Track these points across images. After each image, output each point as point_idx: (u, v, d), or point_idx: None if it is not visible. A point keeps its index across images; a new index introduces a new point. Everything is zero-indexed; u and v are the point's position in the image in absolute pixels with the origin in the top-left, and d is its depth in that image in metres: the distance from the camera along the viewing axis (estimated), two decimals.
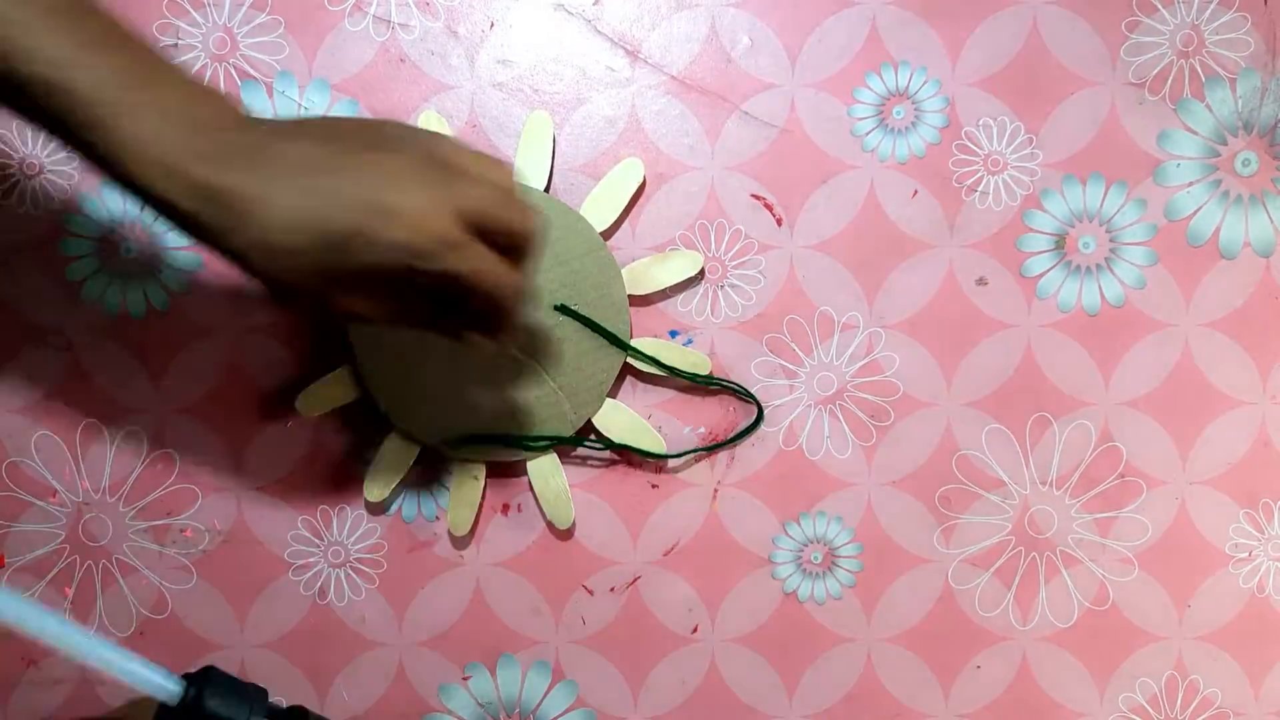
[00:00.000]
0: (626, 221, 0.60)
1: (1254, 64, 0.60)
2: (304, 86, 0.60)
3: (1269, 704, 0.61)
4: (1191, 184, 0.60)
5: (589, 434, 0.60)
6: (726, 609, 0.61)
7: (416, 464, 0.60)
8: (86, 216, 0.60)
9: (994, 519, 0.61)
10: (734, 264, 0.61)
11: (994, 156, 0.61)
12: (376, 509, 0.61)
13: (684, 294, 0.61)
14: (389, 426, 0.59)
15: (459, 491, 0.60)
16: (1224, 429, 0.61)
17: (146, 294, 0.61)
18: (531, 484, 0.60)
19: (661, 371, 0.59)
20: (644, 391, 0.61)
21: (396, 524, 0.61)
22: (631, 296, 0.60)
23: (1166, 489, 0.61)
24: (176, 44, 0.60)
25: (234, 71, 0.60)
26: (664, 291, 0.60)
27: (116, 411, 0.61)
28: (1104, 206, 0.61)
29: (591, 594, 0.61)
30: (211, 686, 0.44)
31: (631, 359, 0.59)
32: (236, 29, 0.60)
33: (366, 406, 0.59)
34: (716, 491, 0.61)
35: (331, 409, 0.60)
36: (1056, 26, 0.60)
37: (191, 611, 0.62)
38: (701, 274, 0.60)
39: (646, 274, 0.59)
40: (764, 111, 0.60)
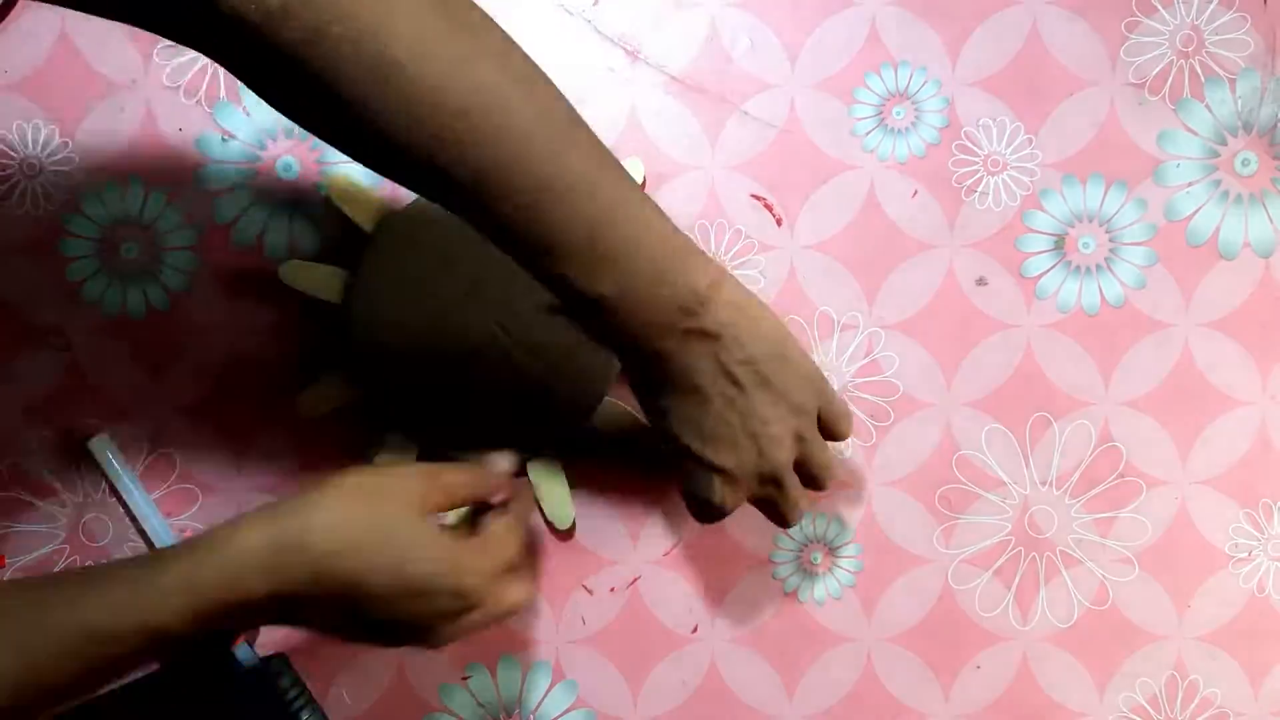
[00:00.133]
0: None
1: (1254, 64, 0.60)
2: None
3: (1269, 704, 0.61)
4: (1191, 184, 0.60)
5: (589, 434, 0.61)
6: (726, 609, 0.61)
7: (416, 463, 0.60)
8: (86, 217, 0.60)
9: (994, 519, 0.61)
10: (734, 264, 0.61)
11: (994, 157, 0.61)
12: None
13: None
14: (389, 426, 0.59)
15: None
16: (1224, 429, 0.61)
17: (146, 294, 0.61)
18: (532, 485, 0.60)
19: None
20: None
21: None
22: None
23: (1166, 489, 0.61)
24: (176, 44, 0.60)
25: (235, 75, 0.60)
26: None
27: (116, 411, 0.61)
28: (1104, 206, 0.61)
29: (591, 594, 0.61)
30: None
31: None
32: None
33: (366, 406, 0.59)
34: None
35: (331, 409, 0.60)
36: (1056, 26, 0.60)
37: None
38: None
39: None
40: (764, 111, 0.60)
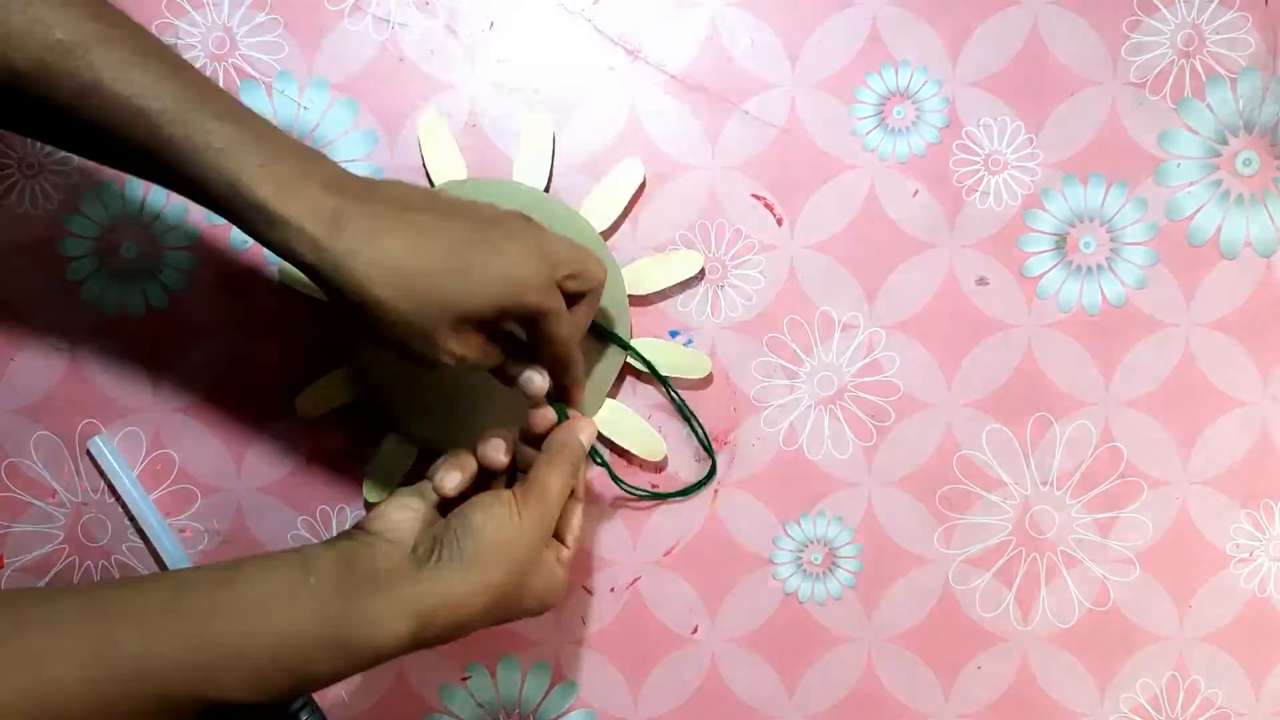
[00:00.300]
0: (626, 221, 0.60)
1: (1255, 64, 0.60)
2: (304, 86, 0.60)
3: (1270, 704, 0.61)
4: (1192, 184, 0.60)
5: None
6: (726, 609, 0.61)
7: (416, 464, 0.60)
8: (86, 217, 0.60)
9: (994, 519, 0.61)
10: (734, 264, 0.61)
11: (994, 156, 0.60)
12: None
13: (684, 294, 0.61)
14: (389, 426, 0.59)
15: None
16: (1224, 429, 0.61)
17: (146, 294, 0.61)
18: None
19: (657, 377, 0.59)
20: (644, 391, 0.61)
21: None
22: (631, 296, 0.60)
23: (1167, 489, 0.61)
24: (176, 43, 0.60)
25: (233, 71, 0.60)
26: (664, 291, 0.60)
27: (116, 411, 0.61)
28: (1104, 206, 0.60)
29: (591, 594, 0.61)
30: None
31: (630, 359, 0.59)
32: (236, 28, 0.60)
33: (366, 406, 0.59)
34: (716, 492, 0.61)
35: (331, 409, 0.60)
36: (1056, 26, 0.60)
37: None
38: (701, 274, 0.60)
39: (646, 274, 0.59)
40: (764, 111, 0.60)
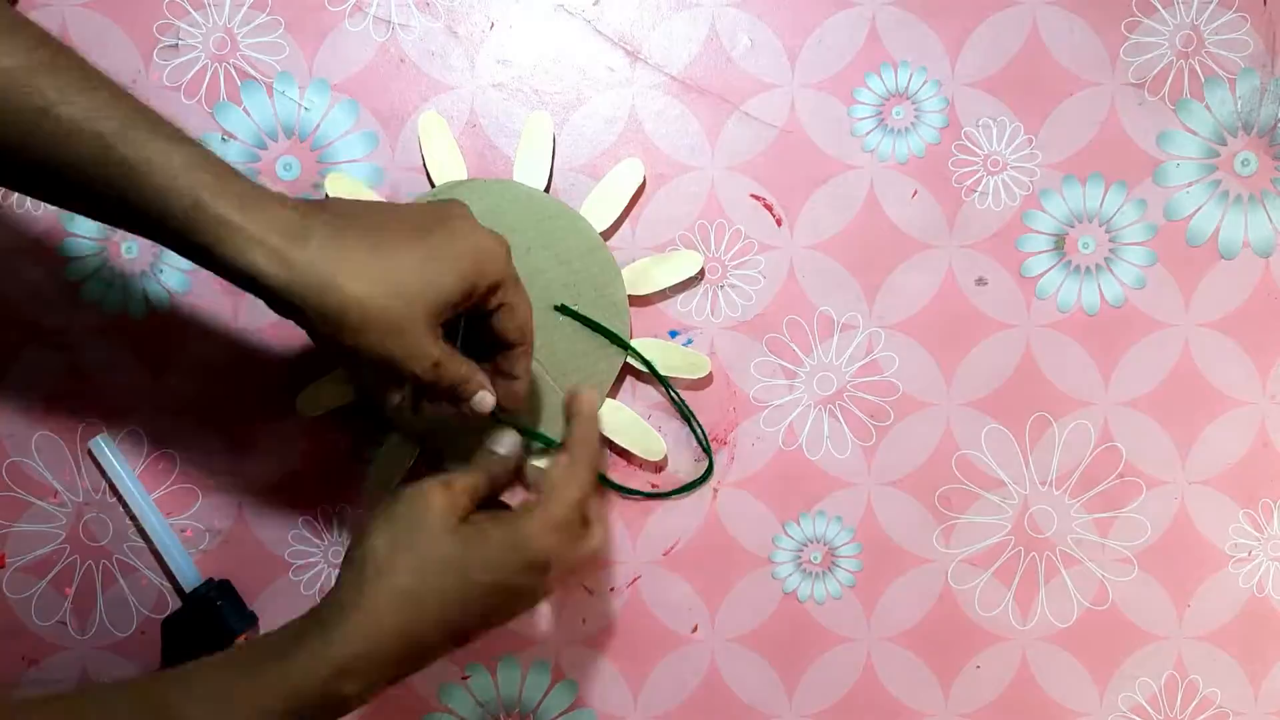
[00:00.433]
0: (626, 221, 0.60)
1: (1253, 64, 0.60)
2: (304, 87, 0.60)
3: (1269, 704, 0.61)
4: (1191, 184, 0.60)
5: None
6: (726, 609, 0.61)
7: (416, 464, 0.60)
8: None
9: (994, 519, 0.61)
10: (734, 264, 0.61)
11: (994, 157, 0.61)
12: None
13: (684, 294, 0.61)
14: (389, 426, 0.59)
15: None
16: (1223, 429, 0.61)
17: (146, 294, 0.61)
18: (530, 485, 0.60)
19: (657, 377, 0.59)
20: (644, 391, 0.61)
21: None
22: (631, 296, 0.60)
23: (1166, 489, 0.61)
24: (177, 44, 0.60)
25: (234, 72, 0.60)
26: (664, 291, 0.60)
27: (116, 411, 0.61)
28: (1103, 207, 0.61)
29: (591, 594, 0.61)
30: (224, 592, 0.60)
31: (630, 359, 0.59)
32: (236, 29, 0.60)
33: (366, 406, 0.59)
34: (716, 491, 0.61)
35: (331, 409, 0.60)
36: (1056, 26, 0.60)
37: None
38: (701, 274, 0.60)
39: (646, 274, 0.59)
40: (764, 111, 0.60)
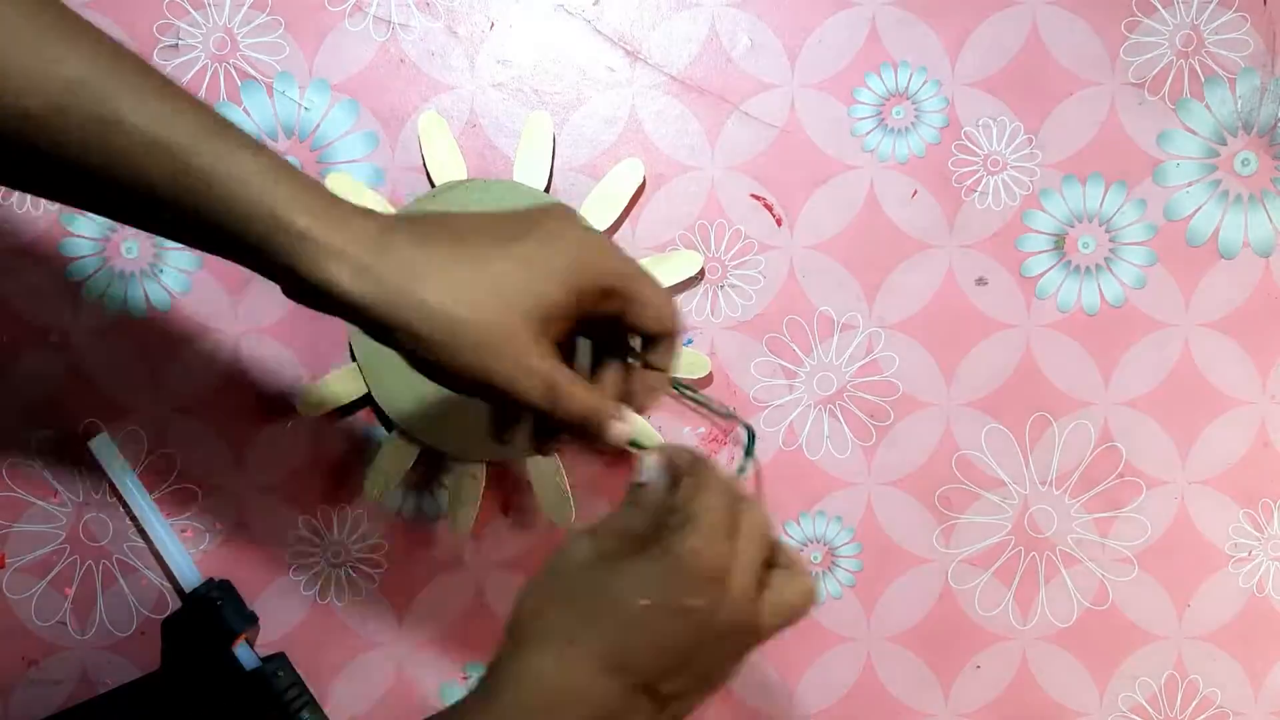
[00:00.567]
0: (626, 221, 0.60)
1: (1253, 64, 0.60)
2: (304, 87, 0.60)
3: (1269, 704, 0.61)
4: (1191, 184, 0.60)
5: None
6: None
7: (416, 464, 0.60)
8: (87, 217, 0.60)
9: (994, 519, 0.61)
10: (734, 264, 0.61)
11: (994, 156, 0.61)
12: (376, 509, 0.61)
13: (684, 294, 0.61)
14: (389, 426, 0.59)
15: (459, 491, 0.60)
16: (1223, 429, 0.61)
17: (146, 294, 0.61)
18: (532, 484, 0.60)
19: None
20: None
21: (396, 524, 0.61)
22: None
23: (1166, 489, 0.61)
24: (177, 44, 0.60)
25: (234, 72, 0.60)
26: None
27: (116, 411, 0.61)
28: (1103, 206, 0.61)
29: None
30: (224, 591, 0.59)
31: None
32: (236, 29, 0.60)
33: (366, 406, 0.59)
34: None
35: (331, 409, 0.60)
36: (1056, 26, 0.60)
37: None
38: (701, 274, 0.60)
39: None
40: (764, 111, 0.60)
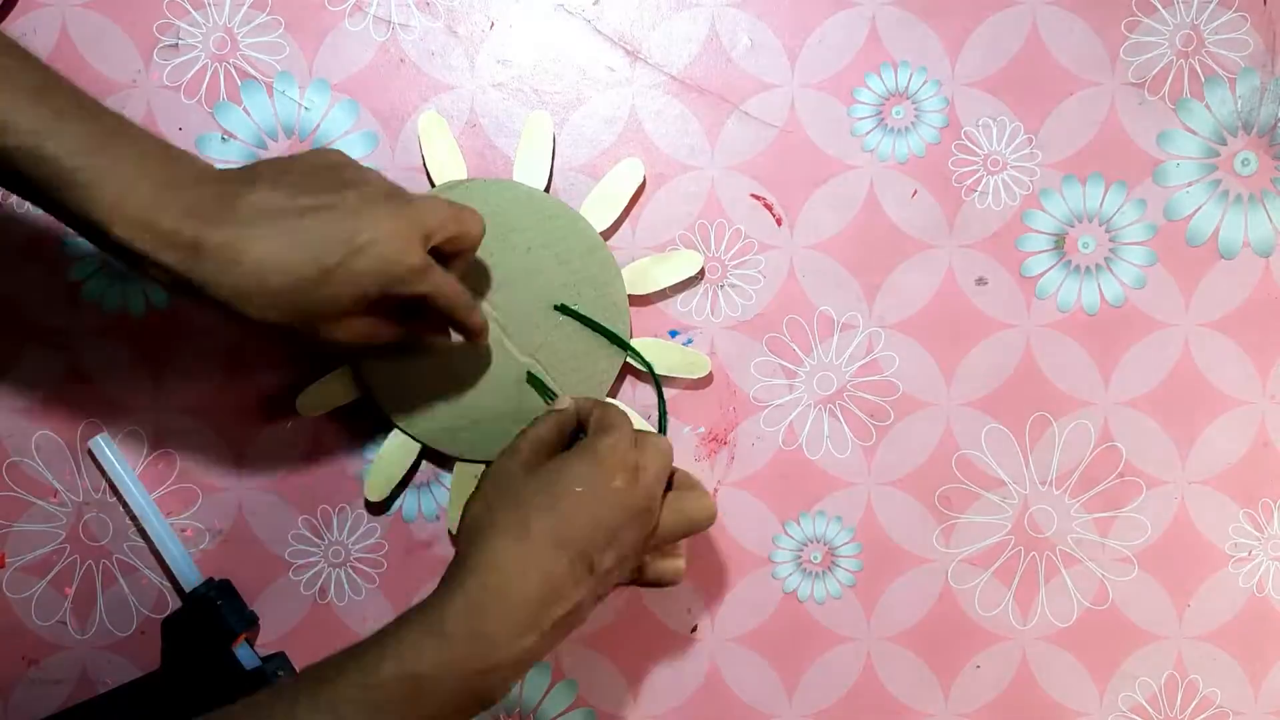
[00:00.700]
0: (626, 221, 0.60)
1: (1253, 64, 0.60)
2: (304, 86, 0.60)
3: (1268, 704, 0.61)
4: (1191, 184, 0.61)
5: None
6: (726, 609, 0.61)
7: (416, 464, 0.60)
8: None
9: (994, 519, 0.61)
10: (734, 264, 0.61)
11: (994, 156, 0.61)
12: (376, 509, 0.61)
13: (684, 294, 0.61)
14: (389, 426, 0.59)
15: (459, 491, 0.60)
16: (1223, 429, 0.61)
17: (146, 294, 0.61)
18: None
19: (651, 374, 0.60)
20: (644, 391, 0.61)
21: (396, 524, 0.61)
22: (631, 296, 0.60)
23: (1166, 489, 0.61)
24: (177, 44, 0.60)
25: (234, 71, 0.60)
26: (664, 291, 0.60)
27: (116, 411, 0.61)
28: (1103, 206, 0.61)
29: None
30: (224, 591, 0.59)
31: (630, 359, 0.59)
32: (237, 29, 0.60)
33: (366, 406, 0.59)
34: (716, 491, 0.61)
35: (331, 409, 0.60)
36: (1056, 26, 0.60)
37: None
38: (701, 274, 0.60)
39: (646, 274, 0.59)
40: (764, 111, 0.60)
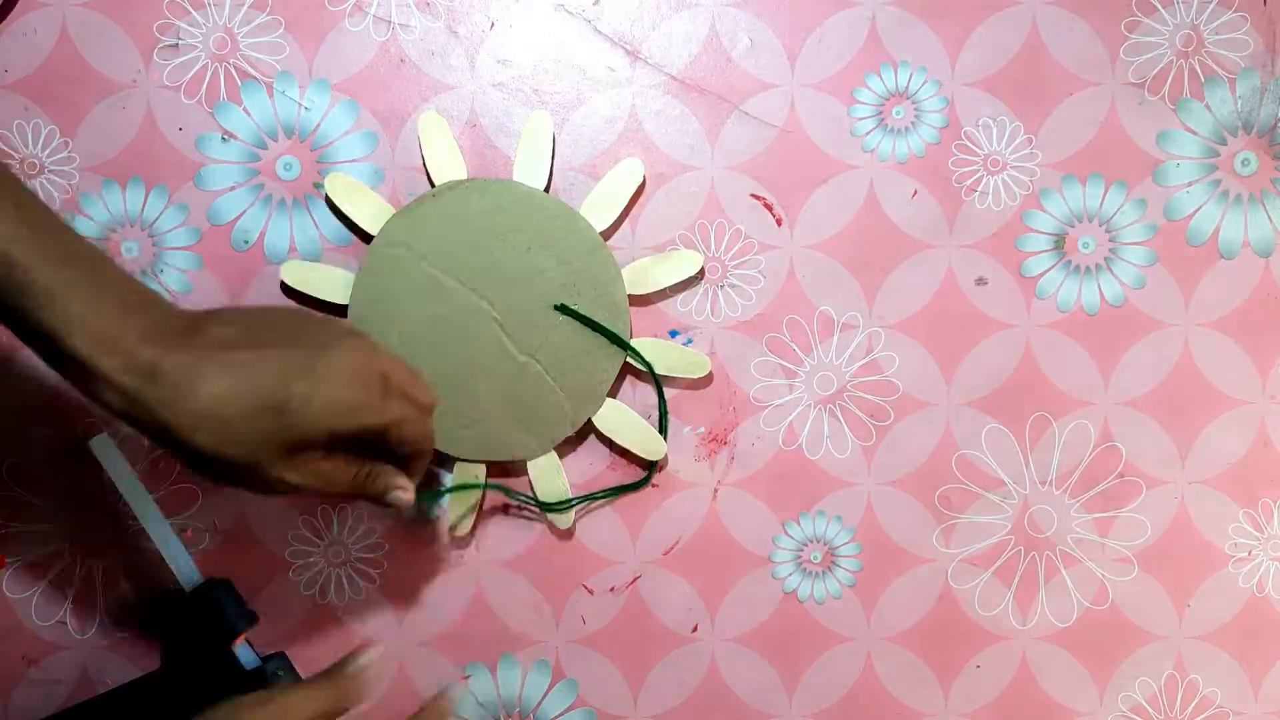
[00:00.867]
0: (626, 221, 0.60)
1: (1253, 64, 0.60)
2: (304, 86, 0.60)
3: (1268, 703, 0.61)
4: (1191, 184, 0.61)
5: (589, 434, 0.61)
6: (726, 609, 0.61)
7: None
8: (86, 216, 0.60)
9: (994, 519, 0.61)
10: (734, 264, 0.61)
11: (993, 156, 0.61)
12: (376, 509, 0.61)
13: (684, 294, 0.61)
14: None
15: (459, 491, 0.60)
16: (1223, 429, 0.61)
17: None
18: (532, 484, 0.60)
19: (654, 374, 0.60)
20: (644, 391, 0.61)
21: (396, 524, 0.61)
22: (631, 296, 0.60)
23: (1166, 489, 0.61)
24: (177, 44, 0.60)
25: (234, 72, 0.60)
26: (664, 291, 0.60)
27: None
28: (1103, 206, 0.61)
29: (591, 594, 0.62)
30: (224, 591, 0.57)
31: (630, 359, 0.59)
32: (237, 29, 0.60)
33: None
34: (716, 491, 0.61)
35: None
36: (1056, 26, 0.60)
37: None
38: (701, 274, 0.60)
39: (646, 274, 0.59)
40: (764, 111, 0.60)
